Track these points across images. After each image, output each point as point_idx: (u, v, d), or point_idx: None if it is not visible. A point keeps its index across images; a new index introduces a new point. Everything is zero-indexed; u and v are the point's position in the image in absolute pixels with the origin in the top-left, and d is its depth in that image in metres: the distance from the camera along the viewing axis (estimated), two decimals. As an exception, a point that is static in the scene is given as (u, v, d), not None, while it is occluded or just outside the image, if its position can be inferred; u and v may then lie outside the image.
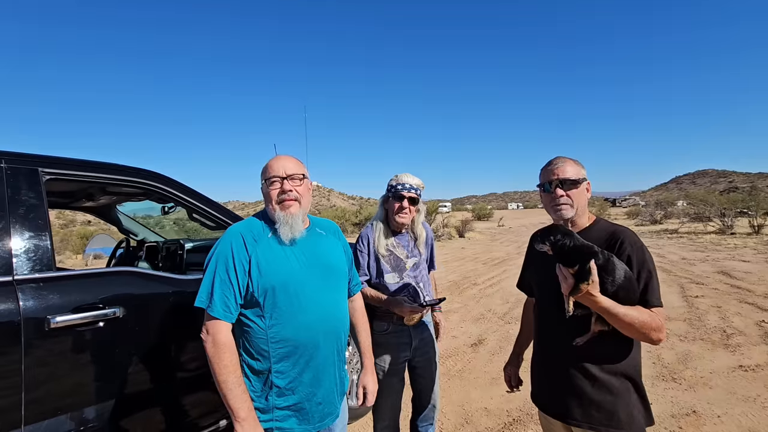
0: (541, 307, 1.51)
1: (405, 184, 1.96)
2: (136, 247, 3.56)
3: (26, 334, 1.48)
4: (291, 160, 1.43)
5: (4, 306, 1.46)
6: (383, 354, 2.01)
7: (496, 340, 4.63)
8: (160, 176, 2.14)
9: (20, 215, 1.60)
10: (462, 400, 3.23)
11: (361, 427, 2.86)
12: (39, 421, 1.52)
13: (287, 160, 1.42)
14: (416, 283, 2.01)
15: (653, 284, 1.28)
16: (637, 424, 1.29)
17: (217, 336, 1.24)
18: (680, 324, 4.89)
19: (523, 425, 2.82)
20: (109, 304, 1.69)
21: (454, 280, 8.36)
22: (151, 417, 1.82)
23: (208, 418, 2.03)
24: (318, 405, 1.35)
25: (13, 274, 1.52)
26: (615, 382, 1.30)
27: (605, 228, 1.40)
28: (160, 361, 1.86)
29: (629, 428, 1.27)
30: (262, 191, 1.42)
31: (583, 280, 1.20)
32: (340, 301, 1.46)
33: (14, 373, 1.46)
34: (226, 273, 1.28)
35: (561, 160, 1.42)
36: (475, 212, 37.45)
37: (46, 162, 1.75)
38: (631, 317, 1.21)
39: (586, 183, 1.42)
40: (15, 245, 1.56)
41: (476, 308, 6.10)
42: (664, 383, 3.38)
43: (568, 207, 1.40)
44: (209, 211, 2.27)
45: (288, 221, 1.34)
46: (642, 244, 1.33)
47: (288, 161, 1.42)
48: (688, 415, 2.86)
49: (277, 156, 1.44)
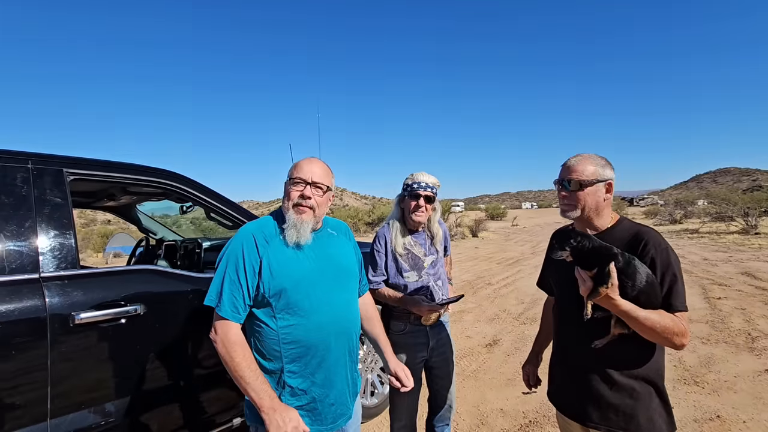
0: (561, 307, 1.49)
1: (421, 183, 1.95)
2: (155, 245, 3.63)
3: (52, 329, 1.53)
4: (321, 167, 1.42)
5: (31, 302, 1.51)
6: (400, 354, 2.00)
7: (511, 340, 4.58)
8: (180, 176, 2.18)
9: (46, 214, 1.65)
10: (477, 401, 3.20)
11: (376, 426, 2.86)
12: (64, 414, 1.56)
13: (318, 167, 1.41)
14: (434, 281, 2.01)
15: (678, 288, 1.24)
16: (658, 430, 1.26)
17: (226, 335, 1.25)
18: (702, 326, 4.76)
19: (539, 427, 2.78)
20: (130, 302, 1.73)
21: (468, 280, 8.30)
22: (168, 413, 1.86)
23: (224, 415, 2.06)
24: (330, 406, 1.35)
25: (40, 272, 1.57)
26: (636, 386, 1.26)
27: (628, 229, 1.35)
28: (179, 358, 1.89)
29: None
30: (285, 187, 1.42)
31: (602, 283, 1.18)
32: (351, 301, 1.46)
33: (41, 368, 1.50)
34: (236, 273, 1.28)
35: (574, 159, 1.38)
36: (488, 212, 37.12)
37: (70, 163, 1.80)
38: (652, 321, 1.17)
39: (602, 184, 1.35)
40: (41, 244, 1.60)
41: (491, 308, 6.04)
42: (686, 387, 3.29)
43: (571, 207, 1.37)
44: (227, 211, 2.30)
45: (297, 225, 1.34)
46: (667, 245, 1.28)
47: (318, 167, 1.40)
48: (711, 420, 2.78)
49: (310, 159, 1.43)
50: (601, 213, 1.38)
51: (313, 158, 1.44)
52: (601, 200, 1.36)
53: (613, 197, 1.38)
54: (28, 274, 1.54)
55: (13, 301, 1.48)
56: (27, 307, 1.49)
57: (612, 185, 1.37)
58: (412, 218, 1.97)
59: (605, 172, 1.36)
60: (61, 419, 1.56)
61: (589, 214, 1.37)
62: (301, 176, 1.36)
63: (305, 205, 1.35)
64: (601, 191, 1.36)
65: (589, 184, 1.34)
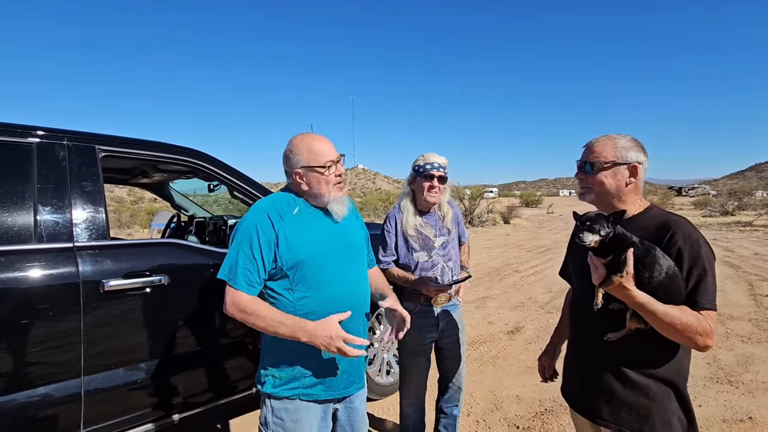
0: (576, 298, 1.43)
1: (434, 164, 1.94)
2: (187, 222, 3.81)
3: (84, 294, 1.66)
4: (330, 142, 1.46)
5: (66, 269, 1.64)
6: (411, 334, 2.03)
7: (534, 329, 4.51)
8: (204, 155, 2.26)
9: (80, 188, 1.77)
10: (493, 386, 3.20)
11: (389, 404, 2.92)
12: (96, 372, 1.70)
13: (329, 142, 1.45)
14: (445, 262, 2.00)
15: (707, 284, 1.13)
16: None
17: (240, 305, 1.30)
18: (744, 324, 4.48)
19: (555, 416, 2.74)
20: (155, 272, 1.84)
21: (496, 267, 8.19)
22: (191, 377, 1.99)
23: (244, 383, 2.17)
24: (342, 373, 1.41)
25: (74, 241, 1.69)
26: (652, 386, 1.19)
27: (657, 217, 1.25)
28: (200, 327, 2.00)
29: None
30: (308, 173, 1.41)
31: (616, 271, 1.12)
32: (361, 275, 1.50)
33: (75, 329, 1.64)
34: (250, 249, 1.32)
35: (594, 140, 1.30)
36: (522, 198, 36.10)
37: (102, 140, 1.91)
38: (671, 317, 1.09)
39: (624, 167, 1.25)
40: (75, 215, 1.73)
41: (516, 296, 5.94)
42: (718, 385, 3.13)
43: (586, 191, 1.31)
44: (249, 190, 2.37)
45: (342, 202, 1.45)
46: (699, 237, 1.18)
47: (330, 143, 1.45)
48: (742, 421, 2.64)
49: (321, 138, 1.45)
50: (624, 198, 1.28)
51: (318, 135, 1.46)
52: (623, 184, 1.26)
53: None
54: (63, 243, 1.67)
55: (51, 267, 1.61)
56: (62, 273, 1.63)
57: (637, 169, 1.26)
58: (425, 199, 1.96)
59: (629, 155, 1.26)
60: (94, 376, 1.70)
61: (608, 199, 1.28)
62: (330, 159, 1.41)
63: (342, 181, 1.45)
64: (622, 175, 1.26)
65: (606, 167, 1.26)
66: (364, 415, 1.55)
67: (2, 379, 1.53)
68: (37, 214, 1.64)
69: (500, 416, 2.78)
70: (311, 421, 1.36)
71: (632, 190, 1.28)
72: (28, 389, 1.57)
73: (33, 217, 1.64)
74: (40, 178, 1.69)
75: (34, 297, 1.57)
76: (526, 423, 2.68)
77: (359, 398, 1.52)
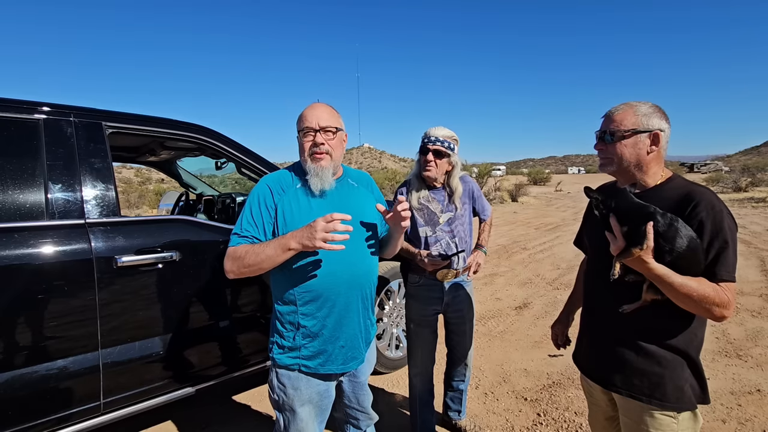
0: (592, 268, 1.42)
1: (431, 137, 1.91)
2: (195, 200, 3.82)
3: (98, 270, 1.67)
4: (326, 110, 1.40)
5: (79, 245, 1.65)
6: (414, 305, 2.07)
7: (542, 305, 4.53)
8: (211, 131, 2.24)
9: (89, 165, 1.76)
10: (501, 360, 3.24)
11: (398, 377, 2.98)
12: (113, 346, 1.74)
13: (322, 110, 1.39)
14: (451, 237, 1.99)
15: (727, 256, 1.11)
16: (687, 400, 1.18)
17: (233, 255, 1.32)
18: (754, 299, 4.45)
19: (563, 388, 2.78)
20: (166, 249, 1.85)
21: (503, 244, 8.17)
22: (204, 350, 2.03)
23: (256, 356, 2.22)
24: (341, 348, 1.41)
25: (85, 218, 1.70)
26: (666, 356, 1.18)
27: (680, 188, 1.21)
28: (212, 301, 2.03)
29: (677, 402, 1.17)
30: (298, 141, 1.43)
31: (635, 243, 1.09)
32: (366, 253, 1.46)
33: (90, 303, 1.67)
34: (251, 215, 1.37)
35: (614, 108, 1.25)
36: (531, 176, 35.68)
37: (108, 116, 1.90)
38: (689, 288, 1.07)
39: (645, 135, 1.20)
40: (85, 192, 1.73)
41: (524, 273, 5.95)
42: (727, 359, 3.14)
43: (607, 161, 1.26)
44: (256, 166, 2.36)
45: (318, 173, 1.36)
46: (723, 208, 1.14)
47: (323, 111, 1.39)
48: (750, 393, 2.66)
49: (312, 105, 1.42)
50: (646, 168, 1.23)
51: (315, 103, 1.42)
52: (644, 153, 1.21)
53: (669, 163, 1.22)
54: (74, 220, 1.68)
55: (64, 243, 1.63)
56: (75, 250, 1.64)
57: (659, 136, 1.20)
58: (422, 173, 1.95)
59: (650, 122, 1.20)
60: (112, 349, 1.74)
61: (628, 168, 1.24)
62: (308, 125, 1.37)
63: (320, 152, 1.37)
64: (643, 143, 1.21)
65: (626, 136, 1.21)
66: (368, 388, 1.58)
67: (25, 352, 1.57)
68: (47, 191, 1.65)
69: (508, 389, 2.82)
70: (311, 391, 1.40)
71: (654, 159, 1.23)
72: (48, 362, 1.61)
73: (44, 194, 1.64)
74: (49, 155, 1.68)
75: (48, 273, 1.59)
76: (533, 395, 2.72)
77: (363, 373, 1.54)
